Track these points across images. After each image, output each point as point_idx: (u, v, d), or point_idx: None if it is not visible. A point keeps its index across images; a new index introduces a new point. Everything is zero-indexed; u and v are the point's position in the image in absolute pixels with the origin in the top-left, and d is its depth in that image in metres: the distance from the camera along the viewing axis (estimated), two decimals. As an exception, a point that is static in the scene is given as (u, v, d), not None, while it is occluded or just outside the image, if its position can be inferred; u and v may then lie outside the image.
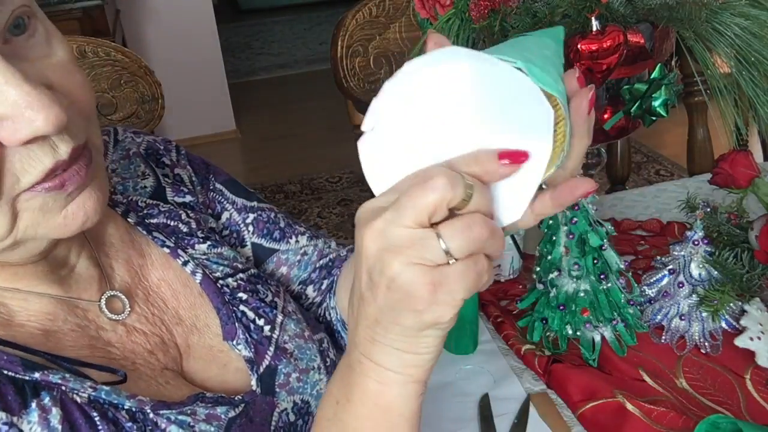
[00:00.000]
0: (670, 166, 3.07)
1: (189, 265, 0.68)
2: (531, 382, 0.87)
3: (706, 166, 1.42)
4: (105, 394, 0.52)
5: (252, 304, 0.69)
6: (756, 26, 0.84)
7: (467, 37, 1.00)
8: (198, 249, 0.70)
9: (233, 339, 0.66)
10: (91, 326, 0.59)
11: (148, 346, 0.61)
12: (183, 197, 0.73)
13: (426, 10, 1.20)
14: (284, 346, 0.68)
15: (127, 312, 0.62)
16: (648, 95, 0.87)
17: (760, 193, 0.93)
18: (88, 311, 0.60)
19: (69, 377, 0.52)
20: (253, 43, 5.45)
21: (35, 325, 0.55)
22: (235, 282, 0.70)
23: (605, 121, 0.94)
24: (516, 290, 1.02)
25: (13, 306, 0.55)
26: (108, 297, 0.61)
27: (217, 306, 0.67)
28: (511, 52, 0.45)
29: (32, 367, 0.50)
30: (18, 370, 0.50)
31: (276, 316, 0.70)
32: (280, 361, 0.67)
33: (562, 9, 0.81)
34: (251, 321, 0.68)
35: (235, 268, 0.71)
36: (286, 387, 0.67)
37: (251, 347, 0.66)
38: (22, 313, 0.55)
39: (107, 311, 0.60)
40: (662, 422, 0.75)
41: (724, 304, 0.85)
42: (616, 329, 0.89)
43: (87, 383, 0.52)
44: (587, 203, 0.85)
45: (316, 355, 0.71)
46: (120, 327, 0.61)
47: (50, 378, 0.51)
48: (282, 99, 4.26)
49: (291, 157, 3.48)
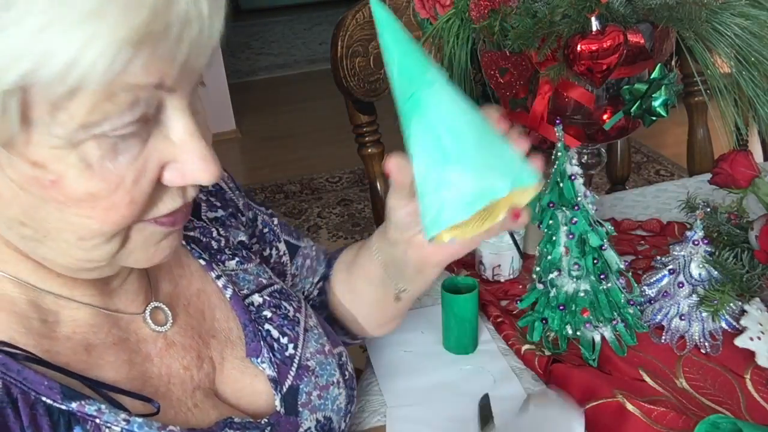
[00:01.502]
0: (670, 166, 3.07)
1: (221, 280, 0.69)
2: (531, 382, 0.87)
3: (706, 166, 1.42)
4: (137, 426, 0.53)
5: (276, 322, 0.70)
6: (756, 26, 0.84)
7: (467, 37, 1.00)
8: (228, 265, 0.71)
9: (258, 356, 0.67)
10: (132, 338, 0.59)
11: (185, 361, 0.62)
12: (215, 212, 0.75)
13: (426, 10, 1.20)
14: (306, 364, 0.69)
15: (169, 324, 0.62)
16: (648, 95, 0.87)
17: (760, 193, 0.93)
18: (132, 323, 0.60)
19: (105, 408, 0.52)
20: (253, 43, 5.45)
21: (79, 338, 0.55)
22: (260, 299, 0.71)
23: (605, 121, 0.94)
24: (516, 290, 1.02)
25: (64, 315, 0.55)
26: (152, 308, 0.62)
27: (243, 322, 0.68)
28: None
29: (71, 396, 0.51)
30: (56, 398, 0.50)
31: (299, 333, 0.71)
32: (301, 381, 0.68)
33: (562, 9, 0.81)
34: (275, 340, 0.69)
35: (260, 284, 0.72)
36: (309, 406, 0.68)
37: (274, 367, 0.67)
38: (70, 323, 0.55)
39: (151, 322, 0.61)
40: (662, 422, 0.75)
41: (724, 304, 0.85)
42: (616, 329, 0.89)
43: (121, 415, 0.53)
44: (587, 203, 0.85)
45: (336, 370, 0.72)
46: (161, 340, 0.61)
47: (86, 409, 0.51)
48: (282, 99, 4.26)
49: (291, 157, 3.48)
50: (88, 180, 0.44)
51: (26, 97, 0.40)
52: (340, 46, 1.16)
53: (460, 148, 0.54)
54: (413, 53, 0.55)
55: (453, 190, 0.54)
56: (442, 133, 0.54)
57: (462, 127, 0.55)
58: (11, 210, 0.46)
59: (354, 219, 2.90)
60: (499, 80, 0.95)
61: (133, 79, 0.41)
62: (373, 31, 1.19)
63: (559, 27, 0.82)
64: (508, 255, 1.03)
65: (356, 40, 1.17)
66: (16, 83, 0.39)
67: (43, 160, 0.43)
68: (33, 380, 0.50)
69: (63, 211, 0.45)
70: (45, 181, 0.44)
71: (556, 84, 0.92)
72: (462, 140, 0.54)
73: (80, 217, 0.46)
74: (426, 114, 0.55)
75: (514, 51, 0.89)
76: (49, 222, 0.46)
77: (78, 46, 0.39)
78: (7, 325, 0.51)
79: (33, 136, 0.42)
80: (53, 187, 0.44)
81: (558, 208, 0.85)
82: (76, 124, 0.41)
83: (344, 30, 1.16)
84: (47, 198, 0.45)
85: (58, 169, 0.43)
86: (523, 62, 0.92)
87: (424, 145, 0.55)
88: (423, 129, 0.55)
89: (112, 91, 0.41)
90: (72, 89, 0.40)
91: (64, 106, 0.41)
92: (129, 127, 0.43)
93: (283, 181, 3.25)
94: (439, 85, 0.55)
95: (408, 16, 1.20)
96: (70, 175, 0.43)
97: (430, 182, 0.55)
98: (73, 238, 0.47)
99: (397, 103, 0.56)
